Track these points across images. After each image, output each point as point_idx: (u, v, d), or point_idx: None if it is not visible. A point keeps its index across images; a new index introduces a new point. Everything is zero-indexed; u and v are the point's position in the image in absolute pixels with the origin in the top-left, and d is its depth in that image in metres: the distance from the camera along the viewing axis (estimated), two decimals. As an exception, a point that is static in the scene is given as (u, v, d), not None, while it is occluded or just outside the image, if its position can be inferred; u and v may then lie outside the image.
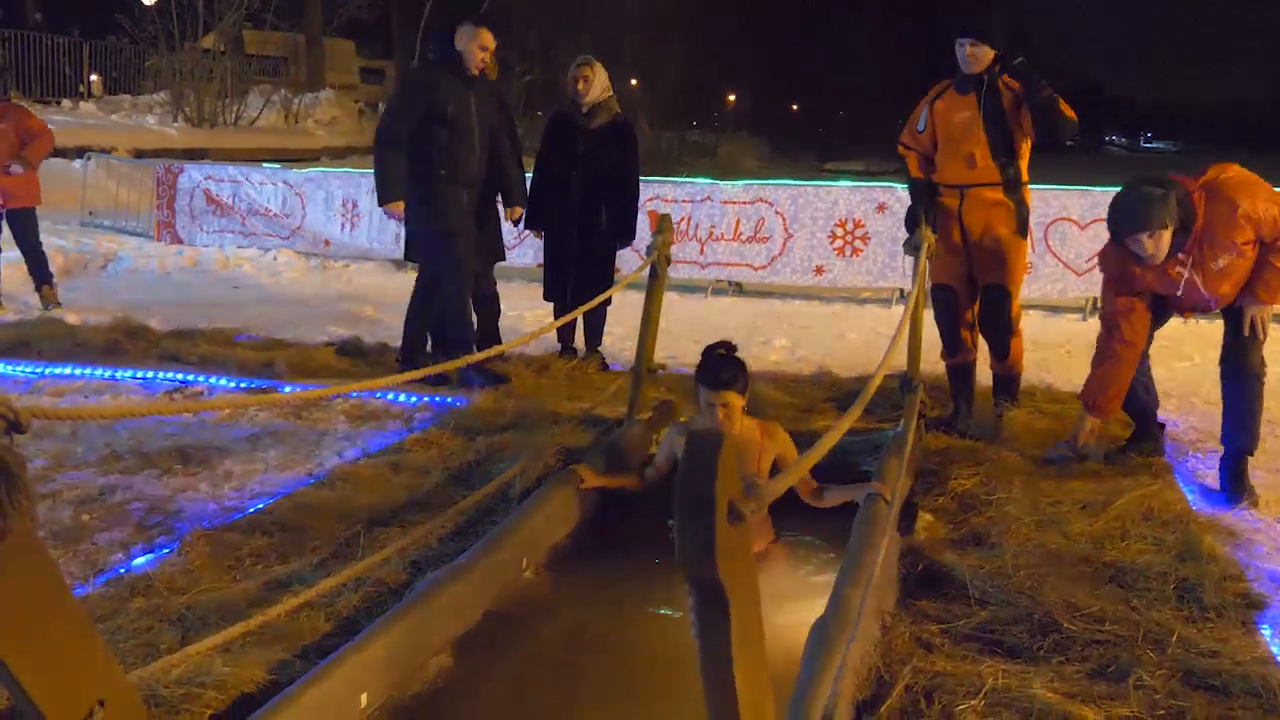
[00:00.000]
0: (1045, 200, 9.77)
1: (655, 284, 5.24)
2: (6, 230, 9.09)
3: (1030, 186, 5.53)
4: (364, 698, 2.74)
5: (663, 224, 5.24)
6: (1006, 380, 5.63)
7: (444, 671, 3.10)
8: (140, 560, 3.79)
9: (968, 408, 5.62)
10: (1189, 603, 3.36)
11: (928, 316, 5.62)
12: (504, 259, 7.23)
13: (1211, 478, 4.87)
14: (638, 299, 5.41)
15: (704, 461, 1.21)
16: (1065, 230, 9.88)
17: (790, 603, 3.39)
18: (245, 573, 3.60)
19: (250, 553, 3.76)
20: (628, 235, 7.16)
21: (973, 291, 5.54)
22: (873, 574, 2.86)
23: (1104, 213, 4.69)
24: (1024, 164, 5.42)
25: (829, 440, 1.93)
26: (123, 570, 3.67)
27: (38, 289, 9.18)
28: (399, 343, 6.84)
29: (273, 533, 3.94)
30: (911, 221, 5.48)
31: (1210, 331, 8.87)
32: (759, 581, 1.67)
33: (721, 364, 3.89)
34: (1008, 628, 3.15)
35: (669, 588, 3.69)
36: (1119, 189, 4.60)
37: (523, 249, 10.75)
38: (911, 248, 5.16)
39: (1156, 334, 4.99)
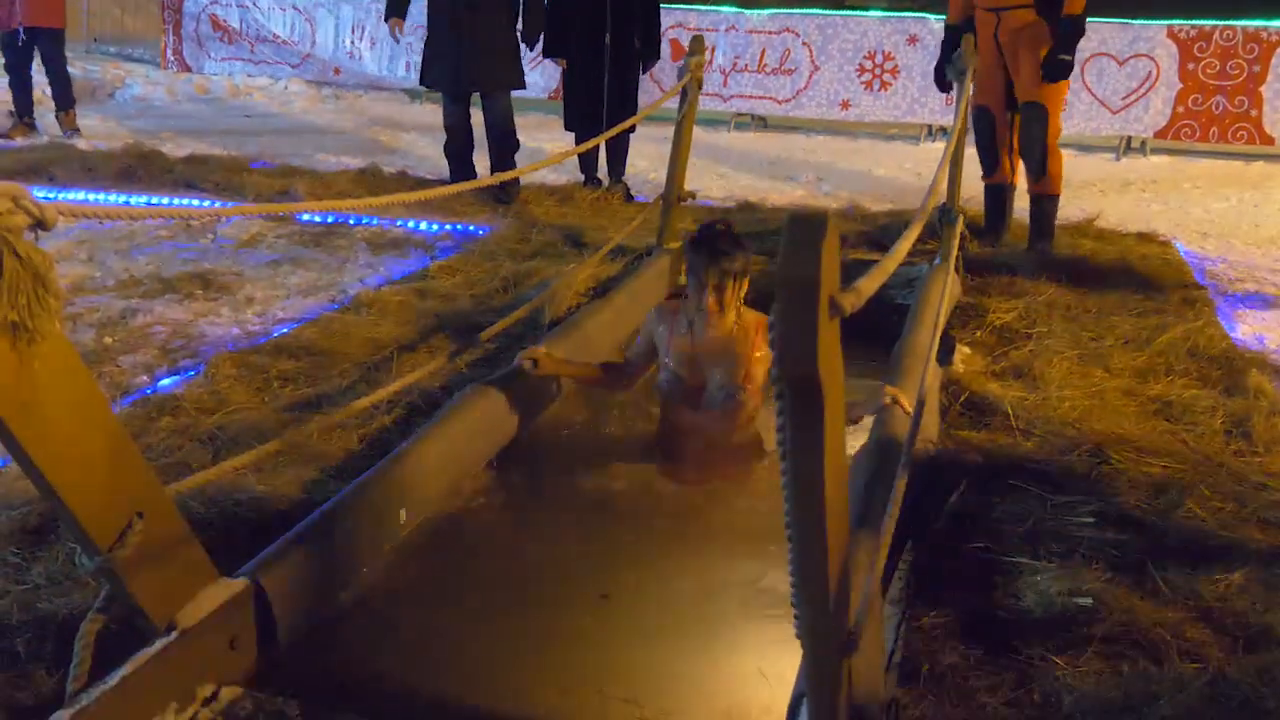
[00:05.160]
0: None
1: (686, 108, 5.04)
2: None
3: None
4: (403, 513, 2.70)
5: (695, 45, 5.01)
6: (1043, 202, 5.50)
7: (479, 491, 3.07)
8: (166, 382, 3.74)
9: (1003, 226, 5.59)
10: (1237, 437, 3.30)
11: (970, 152, 5.48)
12: (523, 86, 6.94)
13: (1252, 317, 4.77)
14: (658, 132, 5.23)
15: (807, 247, 1.09)
16: (1103, 65, 9.47)
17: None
18: (274, 395, 3.54)
19: (278, 375, 3.69)
20: (655, 53, 6.95)
21: (1012, 113, 5.51)
22: (919, 395, 2.77)
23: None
24: None
25: (890, 263, 1.82)
26: (149, 391, 3.61)
27: (58, 114, 8.92)
28: (418, 171, 6.68)
29: (300, 356, 3.88)
30: (949, 45, 5.34)
31: (1248, 173, 8.69)
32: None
33: (721, 238, 3.23)
34: (1054, 458, 3.09)
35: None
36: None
37: (541, 79, 10.42)
38: (956, 72, 4.94)
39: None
